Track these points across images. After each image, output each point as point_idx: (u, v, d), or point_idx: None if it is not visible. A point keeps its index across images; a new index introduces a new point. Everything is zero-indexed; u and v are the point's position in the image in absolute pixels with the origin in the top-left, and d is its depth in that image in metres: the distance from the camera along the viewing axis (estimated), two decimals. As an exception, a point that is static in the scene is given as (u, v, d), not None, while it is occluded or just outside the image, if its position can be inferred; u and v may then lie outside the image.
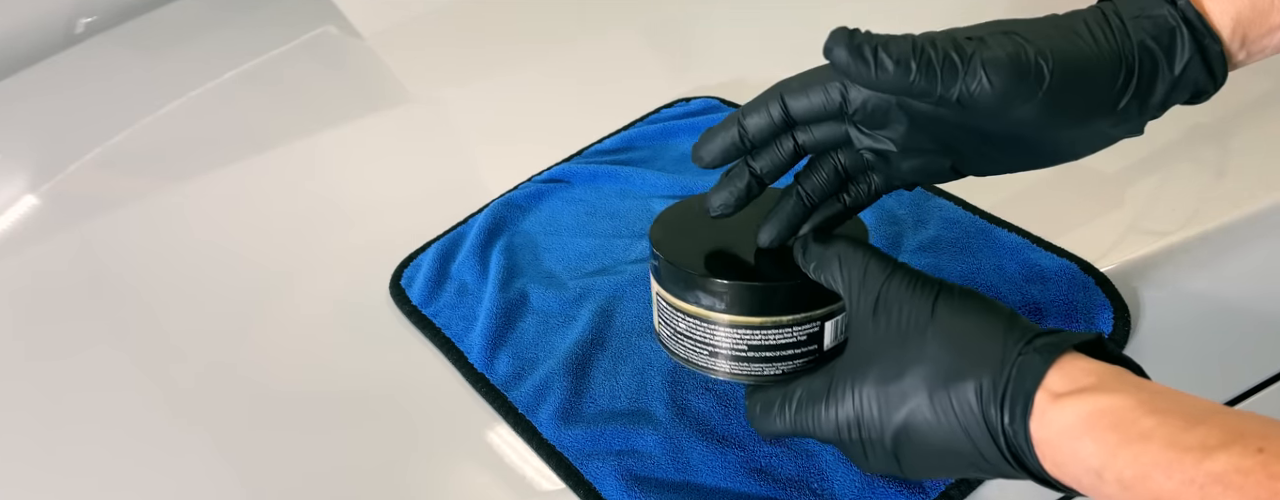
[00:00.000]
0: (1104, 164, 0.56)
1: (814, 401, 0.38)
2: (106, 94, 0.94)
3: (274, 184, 0.75)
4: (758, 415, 0.40)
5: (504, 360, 0.51)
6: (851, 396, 0.36)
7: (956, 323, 0.34)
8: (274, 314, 0.60)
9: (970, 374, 0.33)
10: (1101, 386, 0.31)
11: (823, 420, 0.37)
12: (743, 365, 0.41)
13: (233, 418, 0.53)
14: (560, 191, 0.64)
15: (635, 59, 0.83)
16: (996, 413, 0.32)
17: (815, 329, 0.40)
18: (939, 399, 0.34)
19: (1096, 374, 0.31)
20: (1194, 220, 0.50)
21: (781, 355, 0.40)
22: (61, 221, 0.77)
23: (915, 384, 0.34)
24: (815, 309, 0.40)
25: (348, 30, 0.96)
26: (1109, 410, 0.30)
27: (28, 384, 0.59)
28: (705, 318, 0.40)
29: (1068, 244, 0.50)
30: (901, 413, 0.35)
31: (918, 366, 0.34)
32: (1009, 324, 0.34)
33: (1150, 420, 0.29)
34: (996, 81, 0.33)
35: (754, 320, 0.40)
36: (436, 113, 0.83)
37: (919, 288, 0.36)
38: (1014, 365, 0.32)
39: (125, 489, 0.50)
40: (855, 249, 0.38)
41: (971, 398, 0.33)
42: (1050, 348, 0.32)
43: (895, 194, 0.57)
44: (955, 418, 0.33)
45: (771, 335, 0.40)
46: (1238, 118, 0.58)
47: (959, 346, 0.34)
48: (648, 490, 0.43)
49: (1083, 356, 0.32)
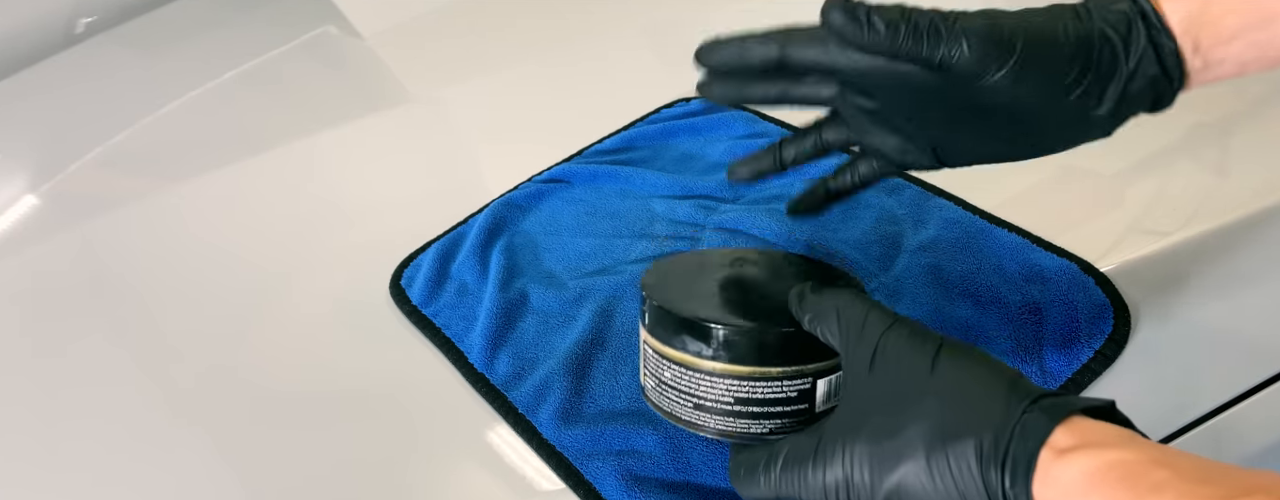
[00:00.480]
0: (1104, 164, 0.56)
1: (801, 461, 0.35)
2: (106, 94, 0.94)
3: (274, 184, 0.75)
4: (741, 477, 0.38)
5: (504, 360, 0.51)
6: (841, 457, 0.34)
7: (958, 379, 0.33)
8: (274, 314, 0.60)
9: (970, 433, 0.31)
10: (1109, 442, 0.29)
11: (810, 482, 0.35)
12: (729, 421, 0.39)
13: (233, 417, 0.53)
14: (560, 191, 0.64)
15: (635, 59, 0.83)
16: (997, 475, 0.30)
17: (806, 386, 0.38)
18: (936, 460, 0.32)
19: (1104, 432, 0.30)
20: (1194, 220, 0.50)
21: (770, 412, 0.38)
22: (61, 221, 0.77)
23: (911, 443, 0.32)
24: (807, 363, 0.38)
25: (348, 30, 0.96)
26: (1118, 464, 0.28)
27: (28, 383, 0.59)
28: (692, 366, 0.39)
29: (1068, 244, 0.50)
30: (895, 475, 0.32)
31: (915, 424, 0.32)
32: (1013, 384, 0.32)
33: (1161, 473, 0.27)
34: (974, 46, 0.35)
35: (742, 369, 0.38)
36: (436, 113, 0.83)
37: (919, 342, 0.34)
38: (1017, 424, 0.30)
39: (125, 488, 0.50)
40: (854, 300, 0.36)
41: (971, 458, 0.31)
42: (1057, 407, 0.31)
43: (895, 193, 0.57)
44: (953, 480, 0.31)
45: (760, 388, 0.38)
46: (1238, 118, 0.58)
47: (959, 404, 0.32)
48: (648, 490, 0.43)
49: (1089, 419, 0.31)
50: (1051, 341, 0.46)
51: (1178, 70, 0.36)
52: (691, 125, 0.68)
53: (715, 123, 0.67)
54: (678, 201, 0.60)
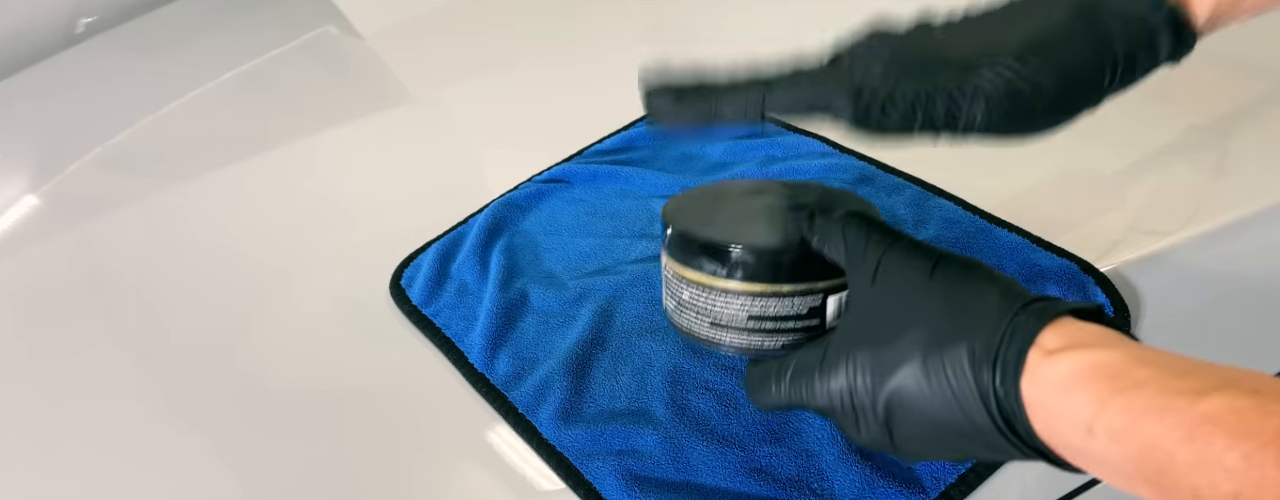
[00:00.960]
0: (1104, 164, 0.56)
1: (808, 371, 0.37)
2: (106, 94, 0.94)
3: (274, 184, 0.75)
4: (754, 387, 0.40)
5: (504, 360, 0.51)
6: (845, 364, 0.36)
7: (954, 288, 0.34)
8: (274, 314, 0.60)
9: (963, 336, 0.32)
10: (1096, 342, 0.30)
11: (816, 389, 0.37)
12: (744, 336, 0.41)
13: (232, 417, 0.53)
14: (560, 191, 0.64)
15: (635, 59, 0.83)
16: (989, 375, 0.31)
17: (817, 302, 0.40)
18: (932, 363, 0.33)
19: (1090, 333, 0.31)
20: (1194, 220, 0.50)
21: (783, 328, 0.40)
22: (61, 221, 0.77)
23: (909, 348, 0.34)
24: (818, 281, 0.40)
25: (348, 30, 0.96)
26: (1103, 363, 0.29)
27: (28, 384, 0.59)
28: (709, 285, 0.40)
29: (1068, 244, 0.50)
30: (893, 379, 0.34)
31: (912, 330, 0.34)
32: (1006, 289, 0.33)
33: (1144, 370, 0.28)
34: (993, 118, 0.36)
35: (756, 287, 0.39)
36: (437, 113, 0.83)
37: (920, 255, 0.35)
38: (1009, 327, 0.32)
39: (124, 488, 0.50)
40: (861, 222, 0.38)
41: (964, 360, 0.32)
42: (1046, 310, 0.32)
43: (895, 193, 0.57)
44: (948, 383, 0.32)
45: (773, 305, 0.40)
46: (1238, 118, 0.58)
47: (954, 310, 0.33)
48: (648, 490, 0.43)
49: (1078, 321, 0.32)
50: (1051, 341, 0.46)
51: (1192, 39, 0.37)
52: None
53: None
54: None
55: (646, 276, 0.54)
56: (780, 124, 0.65)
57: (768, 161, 0.62)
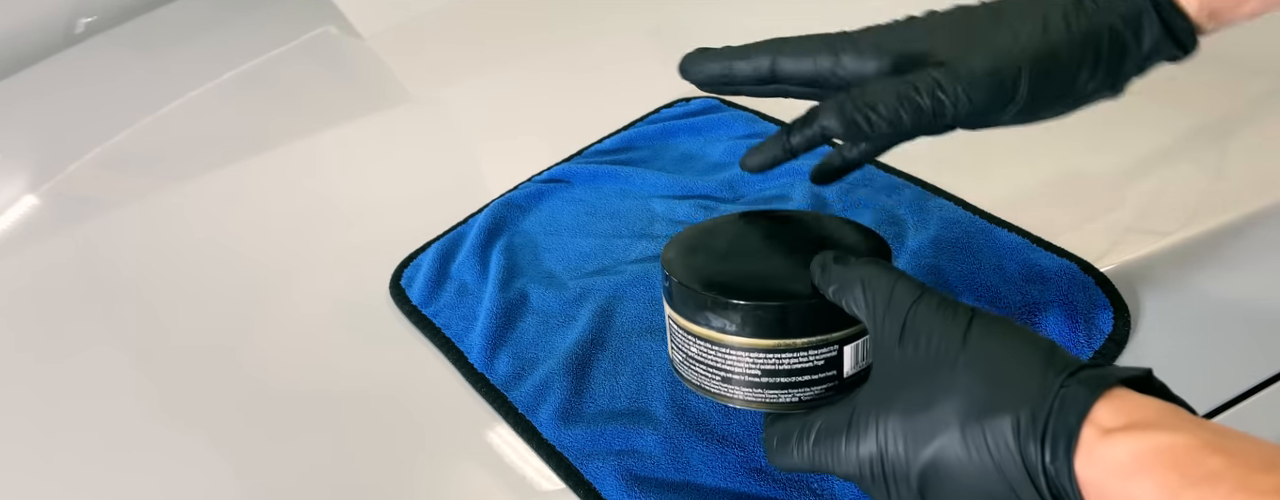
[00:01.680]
0: (1104, 164, 0.57)
1: (834, 435, 0.35)
2: (106, 94, 0.94)
3: (274, 184, 0.75)
4: (774, 448, 0.37)
5: (504, 360, 0.51)
6: (875, 430, 0.33)
7: (992, 351, 0.32)
8: (274, 314, 0.60)
9: (1007, 407, 0.30)
10: (1159, 423, 0.28)
11: (843, 455, 0.34)
12: (757, 392, 0.39)
13: (232, 418, 0.53)
14: (560, 191, 0.64)
15: (635, 59, 0.83)
16: (1036, 450, 0.29)
17: (833, 353, 0.38)
18: (972, 434, 0.31)
19: (1150, 409, 0.29)
20: (1194, 220, 0.50)
21: (798, 381, 0.38)
22: (61, 221, 0.77)
23: (945, 417, 0.31)
24: (832, 332, 0.37)
25: (348, 30, 0.96)
26: (1169, 448, 0.27)
27: (28, 384, 0.59)
28: (717, 341, 0.38)
29: (1068, 244, 0.50)
30: (930, 449, 0.32)
31: (948, 398, 0.32)
32: (1049, 355, 0.31)
33: (1216, 460, 0.26)
34: (978, 99, 0.36)
35: (766, 343, 0.37)
36: (436, 113, 0.83)
37: (950, 313, 0.33)
38: (1056, 397, 0.29)
39: (124, 488, 0.50)
40: (880, 271, 0.35)
41: (1008, 433, 0.30)
42: (1097, 380, 0.30)
43: (895, 193, 0.57)
44: (989, 455, 0.30)
45: (786, 360, 0.38)
46: (1238, 118, 0.58)
47: (994, 377, 0.31)
48: (648, 490, 0.43)
49: (1132, 392, 0.30)
50: (1051, 341, 0.46)
51: (1191, 39, 0.37)
52: (691, 125, 0.68)
53: (715, 123, 0.67)
54: (678, 201, 0.60)
55: (646, 276, 0.54)
56: (780, 123, 0.65)
57: (768, 161, 0.62)
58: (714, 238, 0.43)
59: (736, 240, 0.42)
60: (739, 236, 0.43)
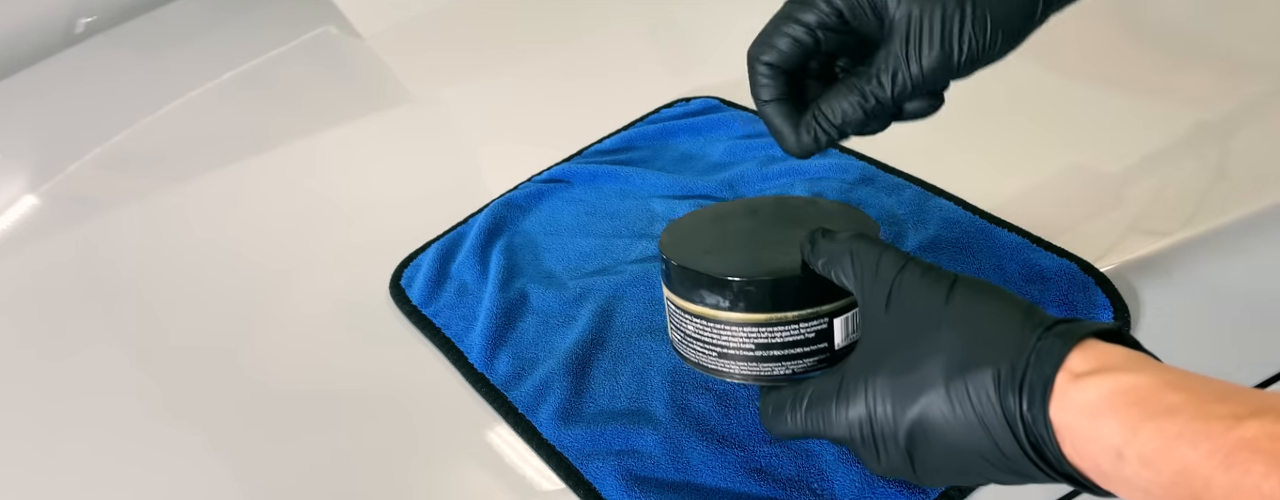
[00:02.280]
0: (1104, 164, 0.57)
1: (825, 400, 0.37)
2: (106, 94, 0.94)
3: (274, 184, 0.75)
4: (769, 416, 0.39)
5: (504, 360, 0.51)
6: (864, 393, 0.35)
7: (973, 312, 0.34)
8: (274, 314, 0.60)
9: (988, 361, 0.32)
10: (1124, 366, 0.30)
11: (834, 419, 0.36)
12: (752, 366, 0.40)
13: (232, 417, 0.53)
14: (560, 191, 0.64)
15: (635, 59, 0.83)
16: (1015, 399, 0.31)
17: (824, 326, 0.39)
18: (955, 389, 0.32)
19: (1117, 355, 0.31)
20: (1194, 220, 0.50)
21: (790, 354, 0.40)
22: (61, 221, 0.77)
23: (931, 375, 0.33)
24: (822, 304, 0.39)
25: (348, 30, 0.96)
26: (1132, 388, 0.29)
27: (28, 384, 0.59)
28: (712, 318, 0.40)
29: (1068, 244, 0.50)
30: (916, 407, 0.33)
31: (933, 357, 0.33)
32: (1027, 312, 0.33)
33: (1176, 396, 0.28)
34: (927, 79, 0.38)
35: (759, 317, 0.39)
36: (436, 113, 0.83)
37: (934, 279, 0.35)
38: (1033, 351, 0.31)
39: (124, 488, 0.50)
40: (867, 243, 0.37)
41: (989, 386, 0.32)
42: (1071, 332, 0.31)
43: (895, 193, 0.57)
44: (972, 409, 0.32)
45: (778, 333, 0.39)
46: (1238, 117, 0.58)
47: (976, 335, 0.33)
48: (648, 490, 0.43)
49: (1103, 343, 0.32)
50: (1051, 341, 0.46)
51: None
52: (691, 125, 0.68)
53: (715, 123, 0.67)
54: (678, 201, 0.60)
55: (646, 276, 0.54)
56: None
57: (768, 161, 0.62)
58: (710, 222, 0.44)
59: (732, 224, 0.44)
60: (734, 220, 0.44)
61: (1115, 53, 0.67)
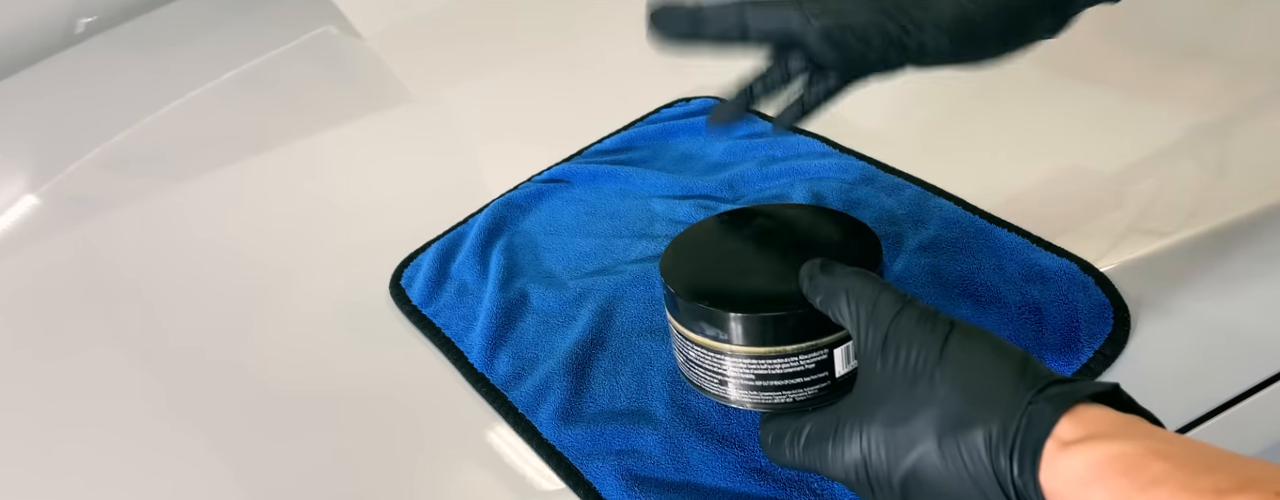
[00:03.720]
0: (1104, 164, 0.57)
1: (822, 440, 0.36)
2: (106, 94, 0.94)
3: (274, 184, 0.75)
4: (769, 446, 0.39)
5: (504, 360, 0.51)
6: (859, 438, 0.35)
7: (967, 365, 0.33)
8: (274, 314, 0.60)
9: (980, 421, 0.32)
10: (1112, 434, 0.30)
11: (830, 459, 0.36)
12: (753, 394, 0.40)
13: (232, 418, 0.53)
14: (560, 191, 0.64)
15: (635, 59, 0.83)
16: (1006, 463, 0.31)
17: (824, 356, 0.39)
18: (948, 446, 0.32)
19: (1107, 421, 0.30)
20: (1194, 220, 0.50)
21: (791, 384, 0.39)
22: (61, 221, 0.77)
23: (923, 429, 0.33)
24: (822, 337, 0.38)
25: (348, 30, 0.96)
26: (1119, 457, 0.29)
27: (28, 384, 0.59)
28: (712, 348, 0.40)
29: (1068, 244, 0.50)
30: (909, 459, 0.33)
31: (926, 410, 0.33)
32: (1021, 369, 0.33)
33: (1162, 465, 0.28)
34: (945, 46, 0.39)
35: (759, 350, 0.39)
36: (437, 113, 0.83)
37: (929, 326, 0.35)
38: (1025, 414, 0.31)
39: (124, 488, 0.50)
40: (864, 282, 0.36)
41: (981, 446, 0.32)
42: (1063, 397, 0.31)
43: (895, 193, 0.57)
44: (964, 467, 0.32)
45: (778, 365, 0.39)
46: (1238, 117, 0.58)
47: (969, 391, 0.33)
48: (648, 490, 0.43)
49: (1097, 406, 0.31)
50: (1051, 342, 0.46)
51: None
52: (691, 125, 0.68)
53: (715, 123, 0.67)
54: (678, 201, 0.60)
55: (646, 276, 0.54)
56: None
57: (768, 162, 0.62)
58: (710, 240, 0.44)
59: (731, 243, 0.43)
60: (734, 238, 0.44)
61: (1115, 53, 0.67)
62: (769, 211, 0.46)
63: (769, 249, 0.43)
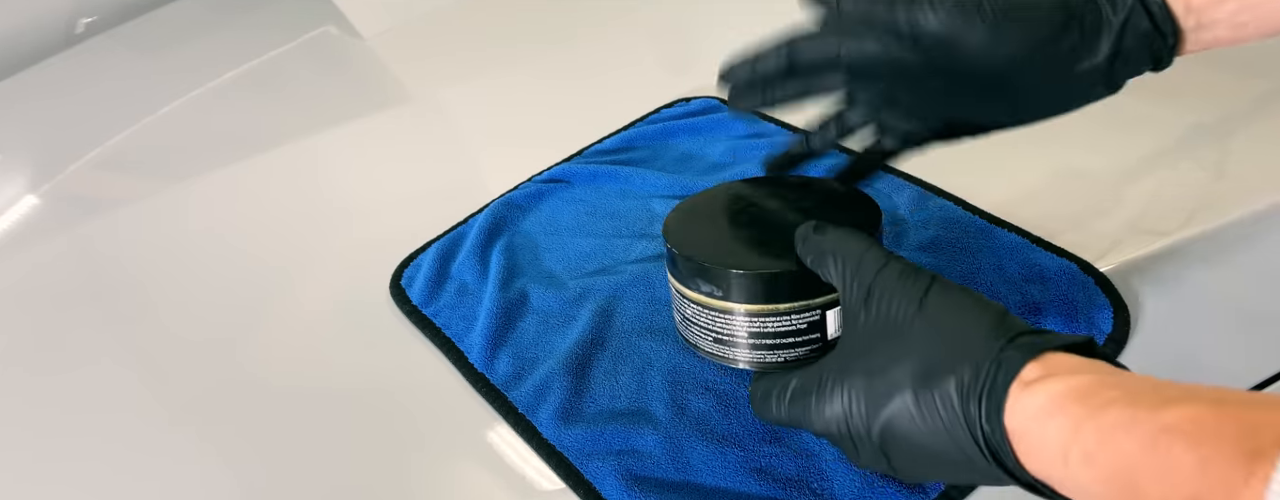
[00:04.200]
0: (1104, 164, 0.56)
1: (806, 395, 0.37)
2: (106, 94, 0.94)
3: (274, 184, 0.75)
4: (757, 401, 0.40)
5: (504, 360, 0.51)
6: (840, 392, 0.36)
7: (944, 316, 0.34)
8: (274, 314, 0.60)
9: (953, 369, 0.32)
10: (1073, 370, 0.30)
11: (814, 414, 0.37)
12: (747, 352, 0.41)
13: (232, 417, 0.53)
14: (560, 191, 0.64)
15: (635, 59, 0.83)
16: (975, 408, 0.32)
17: (816, 317, 0.40)
18: (923, 395, 0.33)
19: (1069, 362, 0.31)
20: (1194, 220, 0.50)
21: (784, 343, 0.41)
22: (61, 221, 0.77)
23: (900, 380, 0.34)
24: (815, 297, 0.40)
25: (348, 30, 0.96)
26: (1075, 387, 0.29)
27: (28, 383, 0.59)
28: (708, 305, 0.41)
29: (1068, 244, 0.50)
30: (886, 410, 0.34)
31: (903, 361, 0.34)
32: (996, 320, 0.33)
33: (1114, 392, 0.29)
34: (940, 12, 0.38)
35: (753, 307, 0.40)
36: (437, 113, 0.83)
37: (911, 279, 0.35)
38: (995, 361, 0.32)
39: (123, 487, 0.50)
40: (852, 241, 0.38)
41: (953, 393, 0.32)
42: (1033, 345, 0.32)
43: (895, 193, 0.57)
44: (939, 415, 0.33)
45: (771, 322, 0.40)
46: (1238, 118, 0.58)
47: (944, 341, 0.33)
48: (648, 490, 0.43)
49: (1066, 354, 0.32)
50: (1051, 341, 0.46)
51: (1170, 25, 0.37)
52: (691, 125, 0.68)
53: (715, 123, 0.67)
54: (678, 201, 0.60)
55: (646, 276, 0.54)
56: (780, 124, 0.65)
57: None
58: (715, 204, 0.45)
59: (735, 207, 0.45)
60: (738, 203, 0.45)
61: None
62: (776, 181, 0.47)
63: (771, 214, 0.44)
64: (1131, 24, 0.37)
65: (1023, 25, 0.38)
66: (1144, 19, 0.37)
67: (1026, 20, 0.38)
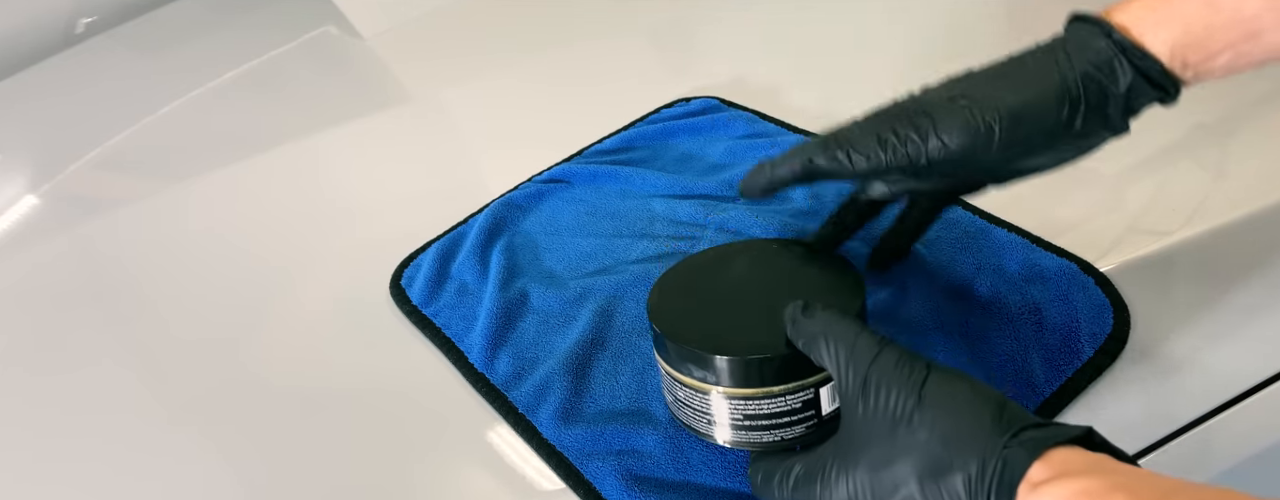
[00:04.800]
0: (1104, 164, 0.56)
1: (810, 481, 0.37)
2: (106, 94, 0.95)
3: (274, 184, 0.75)
4: (759, 484, 0.40)
5: (504, 360, 0.51)
6: (845, 481, 0.36)
7: (944, 410, 0.34)
8: (274, 314, 0.60)
9: (958, 466, 0.33)
10: (1079, 471, 0.31)
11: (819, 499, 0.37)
12: (742, 434, 0.40)
13: (232, 417, 0.53)
14: (560, 191, 0.64)
15: (635, 59, 0.83)
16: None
17: (810, 396, 0.39)
18: (929, 490, 0.34)
19: (1077, 461, 0.32)
20: (1194, 220, 0.50)
21: (778, 423, 0.40)
22: (61, 221, 0.77)
23: (905, 473, 0.34)
24: (807, 377, 0.39)
25: (348, 30, 0.96)
26: (1084, 492, 0.30)
27: (28, 383, 0.59)
28: (699, 389, 0.40)
29: (1068, 244, 0.50)
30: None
31: (907, 455, 0.34)
32: (998, 413, 0.34)
33: (1120, 494, 0.29)
34: (954, 143, 0.39)
35: (745, 391, 0.39)
36: (437, 113, 0.83)
37: (907, 369, 0.35)
38: (1000, 458, 0.32)
39: (124, 487, 0.50)
40: (842, 325, 0.37)
41: (960, 489, 0.33)
42: (1036, 442, 0.32)
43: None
44: None
45: (765, 405, 0.39)
46: (1238, 118, 0.58)
47: (947, 436, 0.34)
48: (648, 490, 0.43)
49: (1070, 448, 0.32)
50: (1051, 341, 0.46)
51: (1171, 82, 0.39)
52: (691, 125, 0.68)
53: (715, 123, 0.67)
54: (678, 201, 0.60)
55: (647, 276, 0.54)
56: (780, 123, 0.65)
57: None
58: (697, 279, 0.44)
59: (718, 281, 0.44)
60: (721, 277, 0.44)
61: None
62: (754, 248, 0.47)
63: (753, 289, 0.43)
64: (1135, 90, 0.39)
65: (1033, 125, 0.39)
66: (1145, 86, 0.39)
67: (1035, 120, 0.39)
